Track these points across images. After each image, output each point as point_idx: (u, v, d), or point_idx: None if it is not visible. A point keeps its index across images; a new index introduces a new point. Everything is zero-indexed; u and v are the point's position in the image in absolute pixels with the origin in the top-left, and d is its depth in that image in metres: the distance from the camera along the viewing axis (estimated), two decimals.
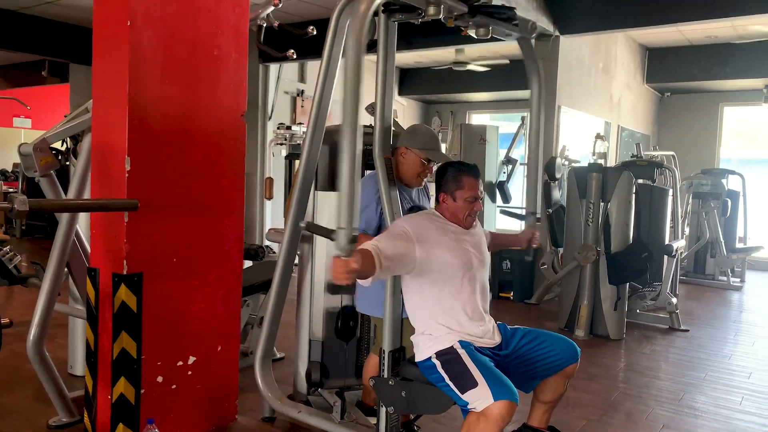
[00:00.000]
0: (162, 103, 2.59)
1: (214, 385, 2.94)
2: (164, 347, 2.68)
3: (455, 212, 2.42)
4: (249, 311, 3.86)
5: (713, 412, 3.53)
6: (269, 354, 3.07)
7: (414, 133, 2.74)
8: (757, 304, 6.89)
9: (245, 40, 2.92)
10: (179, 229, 2.70)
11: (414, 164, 2.72)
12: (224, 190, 2.87)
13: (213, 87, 2.79)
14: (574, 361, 2.41)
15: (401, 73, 11.16)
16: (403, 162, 2.72)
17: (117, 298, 2.50)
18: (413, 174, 2.74)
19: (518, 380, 2.44)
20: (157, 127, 2.58)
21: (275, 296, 2.98)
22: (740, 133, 10.42)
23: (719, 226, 7.79)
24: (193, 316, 2.79)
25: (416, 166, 2.72)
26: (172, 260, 2.68)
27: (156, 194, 2.59)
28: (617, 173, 5.16)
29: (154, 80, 2.55)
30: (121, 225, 2.49)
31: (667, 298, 5.57)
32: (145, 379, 2.61)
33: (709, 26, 7.69)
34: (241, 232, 2.98)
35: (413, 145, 2.69)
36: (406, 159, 2.71)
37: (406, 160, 2.72)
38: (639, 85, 9.48)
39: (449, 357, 2.23)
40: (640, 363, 4.49)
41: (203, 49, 2.74)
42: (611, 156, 8.38)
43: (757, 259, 8.67)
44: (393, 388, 2.46)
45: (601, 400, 3.67)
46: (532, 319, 5.70)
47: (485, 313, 2.44)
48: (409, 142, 2.70)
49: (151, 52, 2.53)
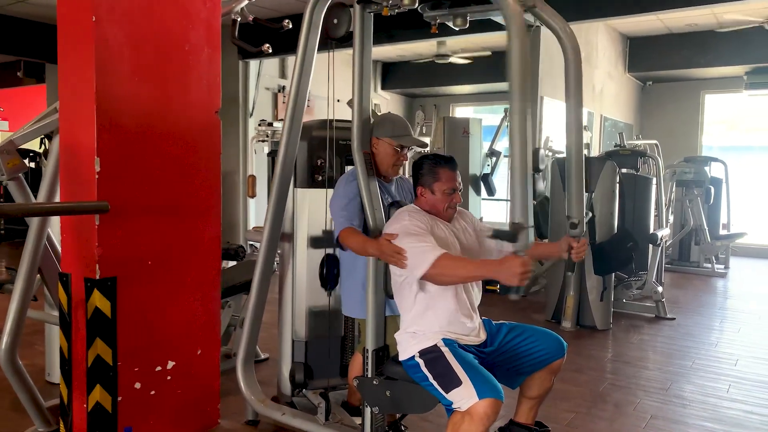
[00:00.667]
0: (132, 101, 2.51)
1: (195, 390, 2.87)
2: (141, 353, 2.60)
3: (435, 205, 2.37)
4: (231, 312, 3.79)
5: (701, 401, 3.53)
6: (251, 356, 3.00)
7: (382, 123, 2.68)
8: (741, 291, 6.93)
9: (218, 34, 2.84)
10: (154, 231, 2.62)
11: (387, 154, 2.65)
12: (199, 188, 2.80)
13: (185, 83, 2.71)
14: (560, 355, 2.37)
15: (384, 67, 11.10)
16: (377, 153, 2.66)
17: (90, 304, 2.42)
18: (388, 164, 2.67)
19: (504, 376, 2.40)
20: (127, 125, 2.49)
21: (255, 297, 2.91)
22: (721, 120, 10.48)
23: (703, 214, 7.83)
24: (170, 319, 2.72)
25: (389, 155, 2.66)
26: (147, 263, 2.60)
27: (128, 195, 2.51)
28: (601, 163, 5.14)
29: (123, 77, 2.47)
30: (92, 228, 2.40)
31: (653, 287, 5.57)
32: (122, 386, 2.53)
33: (690, 14, 7.71)
34: (218, 232, 2.91)
35: (383, 134, 2.63)
36: (379, 150, 2.65)
37: (379, 151, 2.65)
38: (621, 75, 9.48)
39: (433, 355, 2.18)
40: (627, 353, 4.48)
41: (173, 44, 2.66)
42: (595, 146, 8.39)
43: (740, 245, 8.73)
44: (377, 388, 2.41)
45: (589, 391, 3.64)
46: (519, 311, 5.68)
47: (473, 310, 2.39)
48: (378, 132, 2.64)
49: (118, 48, 2.45)
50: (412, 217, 2.30)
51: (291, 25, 3.43)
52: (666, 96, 10.33)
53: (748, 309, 5.96)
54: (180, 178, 2.71)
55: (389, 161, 2.66)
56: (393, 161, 2.67)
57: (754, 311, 5.83)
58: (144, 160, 2.56)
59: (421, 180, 2.39)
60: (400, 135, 2.65)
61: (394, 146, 2.64)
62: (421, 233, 2.21)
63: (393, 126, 2.67)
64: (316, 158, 3.03)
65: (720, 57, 8.75)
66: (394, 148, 2.64)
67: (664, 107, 10.36)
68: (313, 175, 3.05)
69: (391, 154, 2.65)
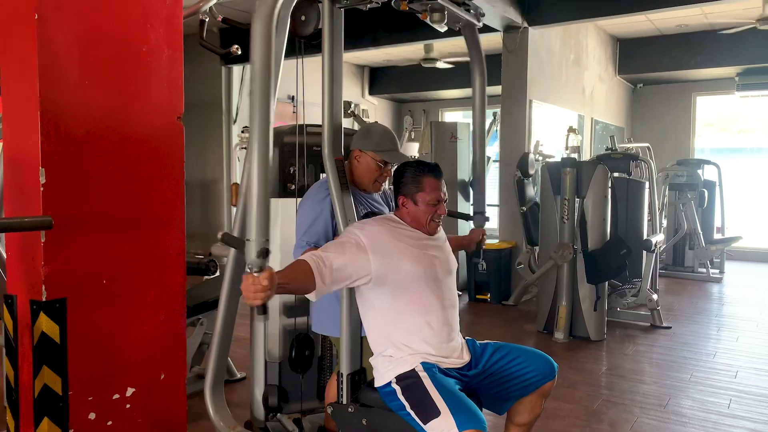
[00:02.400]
0: (82, 106, 2.30)
1: (159, 417, 2.65)
2: (96, 380, 2.39)
3: (417, 217, 2.17)
4: (204, 330, 3.58)
5: (701, 418, 3.34)
6: (220, 378, 2.79)
7: (367, 134, 2.48)
8: (737, 296, 6.77)
9: (179, 34, 2.64)
10: (109, 246, 2.41)
11: (369, 168, 2.46)
12: (160, 200, 2.59)
13: (143, 87, 2.51)
14: (550, 378, 2.18)
15: (371, 72, 10.93)
16: (358, 166, 2.46)
17: (36, 328, 2.21)
18: (370, 179, 2.47)
19: (490, 401, 2.21)
20: (77, 133, 2.28)
21: (223, 315, 2.70)
22: (711, 122, 10.36)
23: (697, 218, 7.67)
24: (129, 342, 2.50)
25: (372, 170, 2.46)
26: (102, 282, 2.39)
27: (79, 208, 2.30)
28: (592, 167, 4.97)
29: (71, 81, 2.26)
30: (38, 246, 2.19)
31: (648, 295, 5.40)
32: (74, 418, 2.31)
33: (680, 14, 7.58)
34: (182, 245, 2.69)
35: (367, 147, 2.43)
36: (361, 162, 2.46)
37: (360, 163, 2.46)
38: (611, 77, 9.35)
39: (410, 381, 1.98)
40: (622, 365, 4.29)
41: (130, 45, 2.46)
42: (586, 150, 8.24)
43: (735, 249, 8.58)
44: (353, 416, 2.21)
45: (583, 409, 3.45)
46: (510, 321, 5.49)
47: (453, 330, 2.19)
48: (362, 143, 2.44)
49: (66, 49, 2.24)
50: (362, 224, 2.13)
51: None
52: (657, 98, 10.20)
53: (746, 315, 5.79)
54: (138, 189, 2.50)
55: (371, 176, 2.47)
56: (375, 177, 2.47)
57: (752, 318, 5.66)
58: (97, 170, 2.35)
59: (403, 189, 2.20)
60: (386, 150, 2.45)
61: (377, 161, 2.44)
62: (346, 244, 2.02)
63: (379, 139, 2.46)
64: (288, 166, 2.84)
65: (711, 58, 8.62)
66: (378, 163, 2.45)
67: (656, 110, 10.23)
68: (285, 184, 2.85)
69: (374, 169, 2.45)
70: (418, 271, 2.10)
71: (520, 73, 6.47)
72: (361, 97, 10.78)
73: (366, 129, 2.56)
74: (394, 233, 2.13)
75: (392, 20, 6.21)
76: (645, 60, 9.17)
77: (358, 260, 2.00)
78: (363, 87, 10.88)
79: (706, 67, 8.80)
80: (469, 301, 6.19)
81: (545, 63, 6.86)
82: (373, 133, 2.49)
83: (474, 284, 6.31)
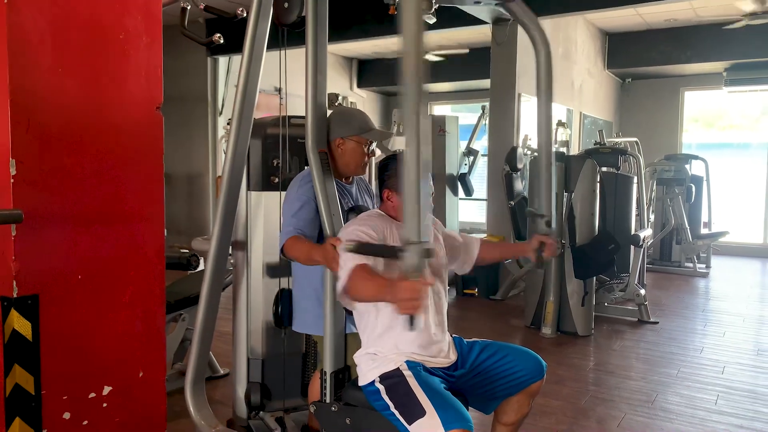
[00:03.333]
0: (56, 96, 2.21)
1: (137, 416, 2.57)
2: (71, 379, 2.31)
3: None
4: (186, 325, 3.50)
5: (689, 415, 3.32)
6: (201, 376, 2.73)
7: (344, 120, 2.41)
8: (724, 291, 6.78)
9: (158, 21, 2.55)
10: (84, 241, 2.33)
11: (356, 153, 2.39)
12: (138, 193, 2.50)
13: (120, 76, 2.42)
14: (539, 377, 2.13)
15: (359, 64, 10.83)
16: (343, 154, 2.39)
17: (7, 326, 2.12)
18: (358, 163, 2.41)
19: (477, 401, 2.16)
20: (50, 123, 2.19)
21: (204, 311, 2.64)
22: (697, 117, 10.38)
23: (684, 213, 7.68)
24: (106, 340, 2.42)
25: (360, 154, 2.40)
26: (77, 277, 2.30)
27: (51, 201, 2.21)
28: (580, 161, 4.94)
29: (44, 69, 2.17)
30: (8, 240, 2.10)
31: (635, 290, 5.39)
32: (48, 418, 2.23)
33: (669, 9, 7.55)
34: (162, 240, 2.61)
35: (349, 132, 2.37)
36: (346, 150, 2.39)
37: (345, 151, 2.39)
38: (600, 71, 9.32)
39: (394, 381, 1.92)
40: (610, 361, 4.27)
41: (106, 32, 2.36)
42: (574, 144, 8.21)
43: (722, 244, 8.61)
44: (336, 415, 2.15)
45: (571, 406, 3.42)
46: (498, 316, 5.46)
47: (441, 328, 2.13)
48: (342, 130, 2.37)
49: (38, 35, 2.15)
50: (361, 222, 2.05)
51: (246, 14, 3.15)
52: (645, 93, 10.20)
53: (732, 310, 5.80)
54: (115, 182, 2.41)
55: (359, 160, 2.41)
56: (362, 160, 2.42)
57: (738, 313, 5.67)
58: (71, 161, 2.26)
59: (388, 182, 2.14)
60: (368, 130, 2.40)
61: (363, 143, 2.39)
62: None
63: (358, 122, 2.40)
64: (272, 158, 2.76)
65: (699, 53, 8.62)
66: (363, 146, 2.39)
67: (644, 104, 10.23)
68: (268, 177, 2.78)
69: (361, 153, 2.40)
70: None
71: (509, 67, 6.42)
72: (350, 90, 10.68)
73: (339, 115, 2.47)
74: (388, 230, 2.07)
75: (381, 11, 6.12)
76: (634, 54, 9.15)
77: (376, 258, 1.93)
78: (351, 79, 10.79)
79: (694, 62, 8.80)
80: (457, 296, 6.16)
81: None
82: (350, 117, 2.43)
83: (462, 279, 6.27)
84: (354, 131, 2.36)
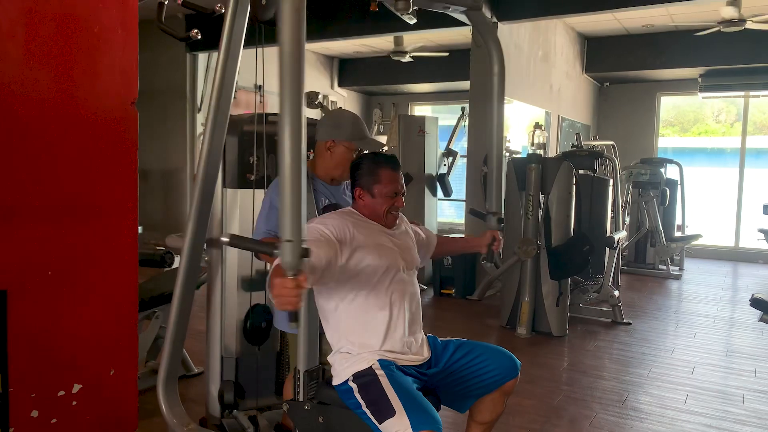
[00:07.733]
0: (26, 88, 2.18)
1: (108, 415, 2.54)
2: (39, 376, 2.27)
3: (374, 209, 2.12)
4: (160, 323, 3.47)
5: (659, 414, 3.37)
6: (174, 374, 2.69)
7: (339, 123, 2.41)
8: (695, 293, 6.90)
9: (134, 15, 2.52)
10: (54, 237, 2.29)
11: (343, 157, 2.38)
12: (111, 188, 2.47)
13: (94, 69, 2.39)
14: (513, 376, 2.14)
15: (340, 63, 10.81)
16: (331, 156, 2.39)
17: None
18: (345, 168, 2.41)
19: (451, 399, 2.17)
20: (20, 115, 2.16)
21: (177, 309, 2.60)
22: (672, 122, 10.55)
23: (658, 216, 7.80)
24: (76, 337, 2.39)
25: (346, 159, 2.39)
26: (47, 273, 2.27)
27: (21, 195, 2.18)
28: (557, 164, 4.98)
29: (14, 61, 2.14)
30: None
31: (609, 291, 5.45)
32: (15, 416, 2.20)
33: (646, 15, 7.66)
34: (135, 236, 2.59)
35: (341, 136, 2.36)
36: (335, 152, 2.38)
37: (334, 153, 2.39)
38: (578, 75, 9.43)
39: (367, 379, 1.93)
40: (583, 361, 4.32)
41: (80, 24, 2.33)
42: (552, 146, 8.29)
43: (694, 247, 8.76)
44: (309, 414, 2.14)
45: (544, 405, 3.45)
46: (474, 316, 5.49)
47: (414, 325, 2.14)
48: (335, 132, 2.37)
49: (9, 25, 2.12)
50: (320, 220, 2.05)
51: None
52: (622, 97, 10.33)
53: (703, 312, 5.90)
54: (87, 176, 2.38)
55: (345, 165, 2.40)
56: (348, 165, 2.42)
57: (709, 315, 5.78)
58: (42, 155, 2.23)
59: (360, 181, 2.13)
60: (361, 138, 2.40)
61: (352, 150, 2.38)
62: (318, 241, 1.90)
63: (352, 127, 2.40)
64: (248, 156, 2.75)
65: (675, 59, 8.76)
66: (352, 152, 2.39)
67: (621, 108, 10.36)
68: (244, 174, 2.76)
69: (349, 159, 2.39)
70: (380, 265, 2.04)
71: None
72: (330, 89, 10.66)
73: (335, 117, 2.48)
74: (356, 225, 2.06)
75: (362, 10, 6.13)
76: (612, 59, 9.27)
77: (331, 255, 1.91)
78: (332, 78, 10.76)
79: (670, 68, 8.94)
80: (434, 296, 6.18)
81: (513, 59, 6.85)
82: (344, 122, 2.42)
83: (439, 279, 6.30)
84: (345, 136, 2.36)
